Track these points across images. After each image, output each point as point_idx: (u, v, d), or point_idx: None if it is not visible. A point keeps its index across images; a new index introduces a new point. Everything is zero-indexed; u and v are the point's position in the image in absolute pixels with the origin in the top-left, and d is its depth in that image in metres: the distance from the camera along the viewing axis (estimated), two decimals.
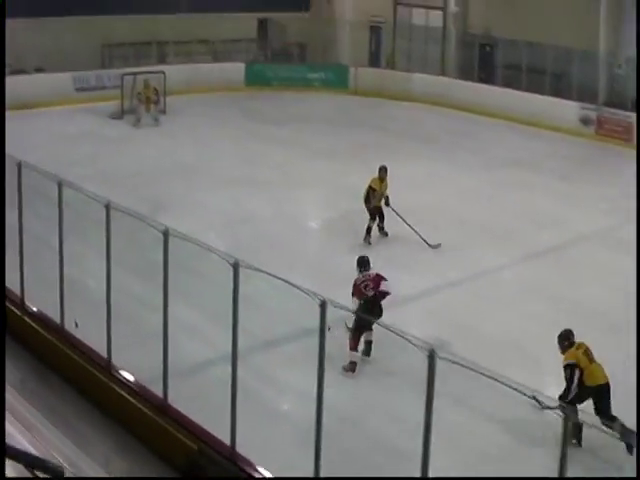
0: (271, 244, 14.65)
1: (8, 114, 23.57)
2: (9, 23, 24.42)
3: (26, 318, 10.80)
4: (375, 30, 31.67)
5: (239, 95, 28.13)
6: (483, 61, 28.00)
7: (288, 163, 20.35)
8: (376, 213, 15.16)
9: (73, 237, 11.16)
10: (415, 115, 26.39)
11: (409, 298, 12.45)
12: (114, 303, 9.52)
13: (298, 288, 7.31)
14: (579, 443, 8.57)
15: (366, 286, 10.63)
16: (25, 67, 26.27)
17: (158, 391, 8.79)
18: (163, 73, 25.34)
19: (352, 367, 10.34)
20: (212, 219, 15.94)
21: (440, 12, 29.41)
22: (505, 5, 27.10)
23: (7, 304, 10.98)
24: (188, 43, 29.94)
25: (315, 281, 12.04)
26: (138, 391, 9.05)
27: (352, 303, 10.29)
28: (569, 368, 8.88)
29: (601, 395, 8.87)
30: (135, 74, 25.16)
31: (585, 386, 8.86)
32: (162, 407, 8.69)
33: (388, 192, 15.21)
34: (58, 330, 10.26)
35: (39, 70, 26.51)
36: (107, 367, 9.43)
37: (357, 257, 11.30)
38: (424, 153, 21.76)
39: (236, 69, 29.38)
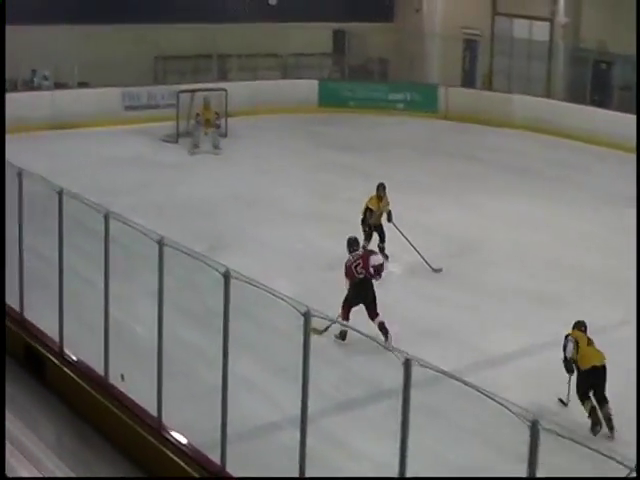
0: (345, 290, 14.70)
1: (48, 134, 24.58)
2: (48, 29, 25.57)
3: (65, 368, 11.03)
4: (469, 44, 31.82)
5: (311, 117, 28.48)
6: (597, 81, 27.85)
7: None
8: (375, 232, 16.10)
9: (120, 276, 11.39)
10: (515, 143, 26.35)
11: (503, 358, 12.39)
12: (166, 354, 9.66)
13: (377, 342, 7.37)
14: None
15: (357, 266, 12.68)
16: (67, 81, 27.04)
17: (215, 457, 8.88)
18: (224, 91, 25.80)
19: (342, 335, 12.33)
20: (278, 259, 16.11)
21: (547, 23, 29.41)
22: (625, 15, 26.92)
23: (45, 351, 11.26)
24: (253, 57, 30.49)
25: (396, 335, 12.20)
26: (192, 456, 9.15)
27: (345, 285, 12.51)
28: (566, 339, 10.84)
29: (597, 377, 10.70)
30: (193, 91, 25.67)
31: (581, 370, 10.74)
32: (219, 475, 8.77)
33: (390, 208, 16.28)
34: (101, 383, 10.45)
35: (83, 85, 27.23)
36: (157, 427, 9.56)
37: (347, 238, 13.32)
38: (524, 188, 21.68)
39: (308, 87, 29.79)
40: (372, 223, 16.00)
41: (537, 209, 19.98)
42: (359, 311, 12.68)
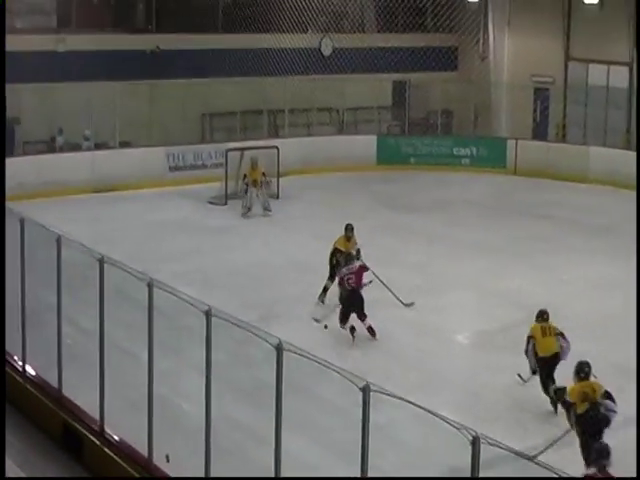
0: (409, 362, 14.73)
1: (88, 197, 25.02)
2: (89, 86, 26.16)
3: (105, 448, 11.11)
4: (540, 93, 31.89)
5: (369, 175, 28.64)
6: None
7: (431, 261, 20.49)
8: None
9: (164, 349, 11.50)
10: (591, 199, 26.25)
11: None
12: (214, 432, 9.71)
13: (443, 419, 7.37)
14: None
15: (349, 279, 15.87)
16: (108, 140, 27.56)
17: None
18: (276, 148, 26.08)
19: (352, 332, 15.41)
20: (333, 330, 16.14)
21: (625, 68, 29.37)
22: None
23: (84, 430, 11.38)
24: (307, 111, 30.85)
25: (465, 410, 12.15)
26: None
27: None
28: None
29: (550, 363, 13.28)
30: (242, 150, 25.98)
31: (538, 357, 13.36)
32: None
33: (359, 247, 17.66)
34: (145, 464, 10.52)
35: (125, 144, 27.72)
36: None
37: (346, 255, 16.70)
38: (603, 247, 21.55)
39: (365, 143, 30.02)
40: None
41: (618, 271, 19.81)
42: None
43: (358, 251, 17.35)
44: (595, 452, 10.00)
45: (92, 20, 30.81)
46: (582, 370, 11.67)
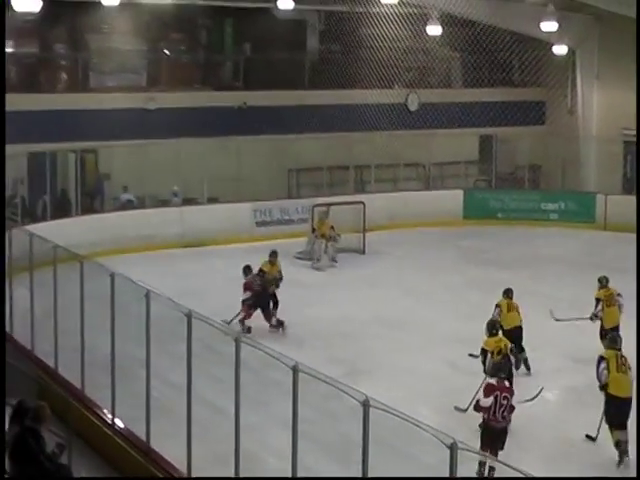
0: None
1: (176, 252, 25.36)
2: (175, 143, 26.65)
3: None
4: (631, 147, 31.53)
5: (456, 231, 28.61)
6: None
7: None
8: (270, 300, 19.36)
9: (251, 403, 11.59)
10: None
11: None
12: None
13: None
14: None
15: (254, 282, 19.12)
16: (197, 196, 27.99)
17: None
18: (362, 204, 26.24)
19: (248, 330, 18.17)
20: (423, 387, 16.09)
21: None
22: None
23: None
24: (393, 167, 31.00)
25: (555, 472, 12.00)
26: None
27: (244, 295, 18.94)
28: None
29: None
30: (328, 205, 26.18)
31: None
32: None
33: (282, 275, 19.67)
34: None
35: (213, 200, 28.14)
36: None
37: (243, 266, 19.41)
38: None
39: (452, 198, 30.04)
40: (270, 291, 19.47)
41: None
42: None
43: (278, 281, 19.73)
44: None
45: (181, 78, 31.52)
46: (494, 327, 15.27)
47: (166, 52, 31.75)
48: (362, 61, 30.85)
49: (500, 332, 15.50)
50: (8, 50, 29.80)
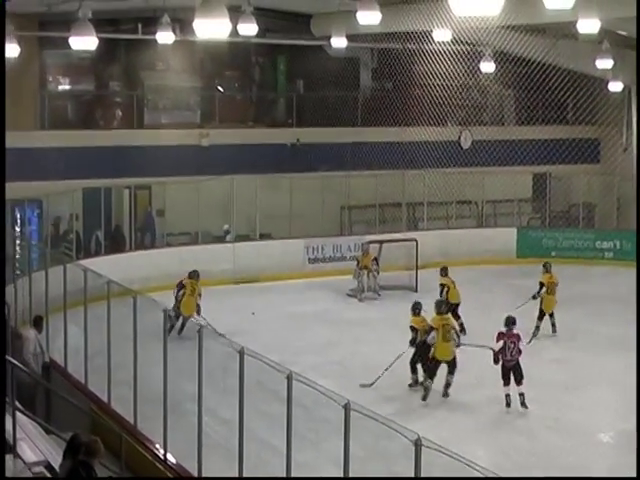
0: (550, 461, 14.51)
1: (230, 288, 25.51)
2: (229, 180, 26.89)
3: None
4: None
5: (509, 269, 28.47)
6: None
7: (571, 357, 20.22)
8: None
9: (302, 441, 11.63)
10: None
11: None
12: None
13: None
14: None
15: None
16: (250, 232, 28.18)
17: None
18: (415, 241, 26.23)
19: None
20: (474, 426, 16.06)
21: None
22: None
23: None
24: (445, 204, 31.00)
25: None
26: None
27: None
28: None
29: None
30: (381, 242, 26.22)
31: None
32: None
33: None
34: None
35: (265, 236, 28.32)
36: None
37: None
38: None
39: (505, 236, 29.94)
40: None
41: None
42: None
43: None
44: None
45: (234, 115, 31.85)
46: (417, 308, 18.32)
47: (220, 89, 32.10)
48: (415, 98, 30.97)
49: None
50: (65, 87, 30.46)
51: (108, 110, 30.83)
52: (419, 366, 17.91)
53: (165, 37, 25.20)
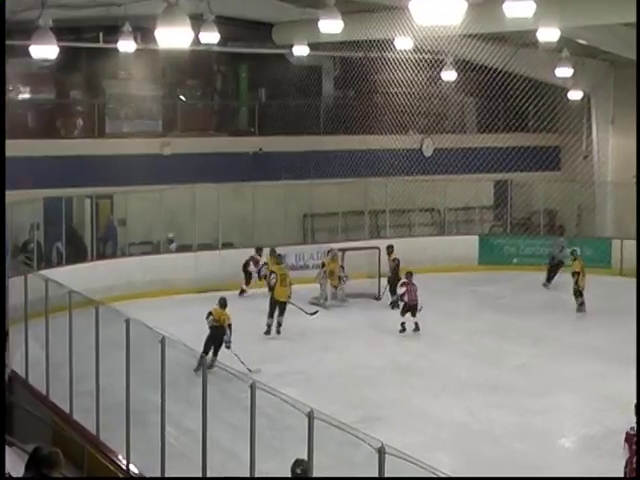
0: (515, 466, 14.55)
1: (191, 297, 25.39)
2: (190, 189, 26.79)
3: None
4: None
5: (470, 276, 28.58)
6: None
7: (535, 364, 20.31)
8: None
9: (266, 450, 11.61)
10: None
11: None
12: None
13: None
14: None
15: None
16: (212, 241, 28.09)
17: None
18: (377, 249, 26.26)
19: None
20: (438, 432, 16.08)
21: None
22: None
23: None
24: (408, 212, 31.09)
25: None
26: None
27: None
28: None
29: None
30: (344, 250, 26.22)
31: None
32: None
33: None
34: None
35: (227, 245, 28.21)
36: None
37: None
38: None
39: (467, 243, 30.05)
40: None
41: None
42: None
43: None
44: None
45: (196, 124, 31.76)
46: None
47: (182, 98, 32.02)
48: (377, 107, 31.06)
49: None
50: (25, 96, 30.22)
51: (69, 119, 30.62)
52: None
53: (127, 46, 25.13)
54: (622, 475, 12.02)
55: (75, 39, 28.45)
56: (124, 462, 13.27)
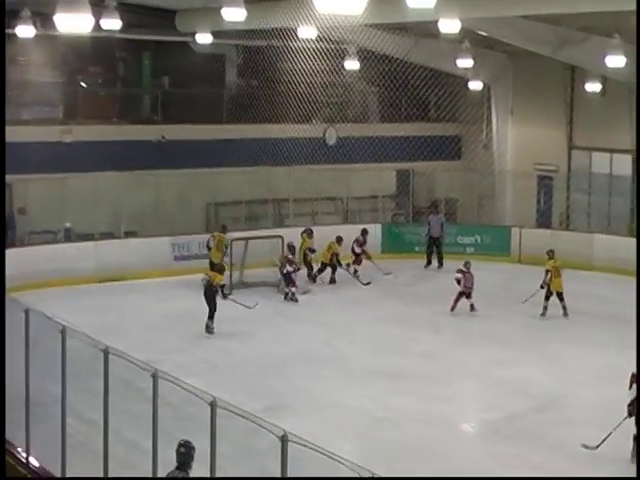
0: (417, 452, 14.69)
1: (92, 287, 25.09)
2: (92, 177, 26.40)
3: None
4: (544, 181, 32.21)
5: (374, 265, 28.65)
6: None
7: (437, 351, 20.50)
8: None
9: (169, 440, 11.45)
10: (596, 288, 26.23)
11: None
12: None
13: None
14: None
15: None
16: (114, 230, 27.78)
17: None
18: (280, 237, 26.21)
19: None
20: (342, 420, 16.12)
21: (628, 156, 29.54)
22: None
23: None
24: (312, 201, 31.09)
25: None
26: None
27: None
28: None
29: None
30: (246, 239, 26.11)
31: None
32: None
33: None
34: None
35: (130, 234, 27.94)
36: None
37: None
38: (609, 336, 21.45)
39: (370, 232, 30.07)
40: None
41: (626, 361, 19.65)
42: None
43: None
44: None
45: (98, 111, 31.27)
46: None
47: (83, 85, 31.53)
48: (280, 95, 30.95)
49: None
50: None
51: None
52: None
53: (25, 31, 24.65)
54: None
55: None
56: (24, 454, 13.01)
